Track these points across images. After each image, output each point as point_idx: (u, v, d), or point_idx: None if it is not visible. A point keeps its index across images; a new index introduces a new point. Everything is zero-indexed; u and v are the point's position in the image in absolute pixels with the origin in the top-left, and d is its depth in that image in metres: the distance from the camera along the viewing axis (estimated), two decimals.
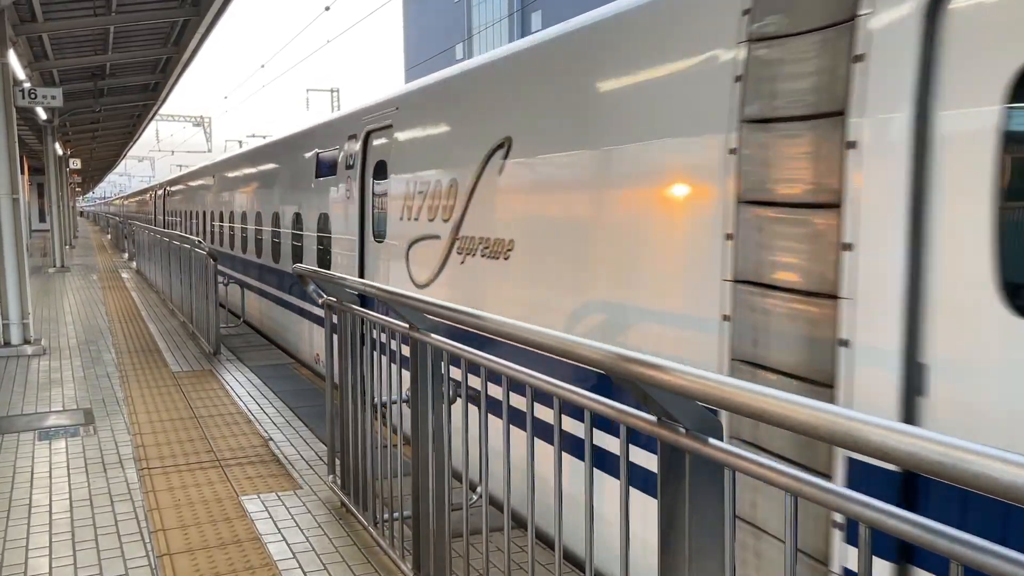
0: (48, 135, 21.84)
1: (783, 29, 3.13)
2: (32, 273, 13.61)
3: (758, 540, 3.08)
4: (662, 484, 1.98)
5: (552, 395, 2.43)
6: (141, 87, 21.72)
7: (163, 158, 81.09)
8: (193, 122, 58.44)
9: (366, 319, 4.13)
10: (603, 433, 3.61)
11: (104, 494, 5.06)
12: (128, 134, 35.01)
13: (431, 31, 62.27)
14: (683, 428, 1.91)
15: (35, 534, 4.47)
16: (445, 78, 6.64)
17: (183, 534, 4.45)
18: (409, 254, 6.61)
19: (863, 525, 1.44)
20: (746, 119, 3.27)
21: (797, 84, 3.05)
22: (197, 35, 14.93)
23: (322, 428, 5.86)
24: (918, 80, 2.62)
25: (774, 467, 1.65)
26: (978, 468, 1.16)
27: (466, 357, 3.04)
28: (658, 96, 3.89)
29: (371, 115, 7.82)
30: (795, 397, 1.52)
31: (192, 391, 7.91)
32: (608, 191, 4.21)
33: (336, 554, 4.21)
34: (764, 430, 3.06)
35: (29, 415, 6.99)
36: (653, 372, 1.84)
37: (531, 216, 4.97)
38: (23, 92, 12.95)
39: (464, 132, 6.04)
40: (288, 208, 11.10)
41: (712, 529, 1.90)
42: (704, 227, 3.48)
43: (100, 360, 9.41)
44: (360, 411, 4.30)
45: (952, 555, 1.26)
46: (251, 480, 5.34)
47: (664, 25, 3.96)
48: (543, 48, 5.18)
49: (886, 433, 1.31)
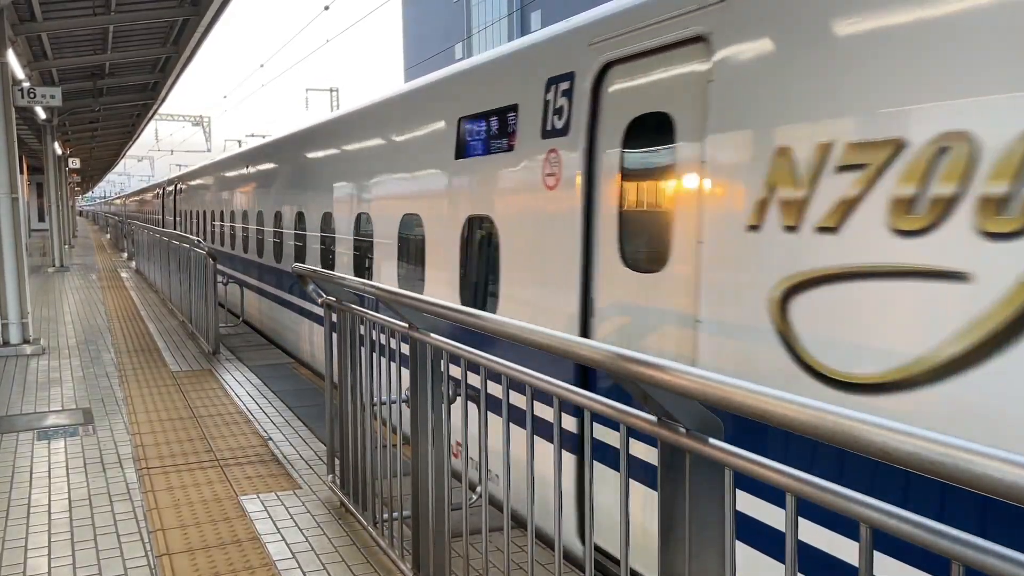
0: (47, 134, 21.83)
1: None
2: (31, 273, 13.61)
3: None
4: (662, 484, 1.97)
5: (552, 394, 2.43)
6: (140, 87, 21.72)
7: (162, 157, 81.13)
8: (192, 121, 58.41)
9: (365, 319, 4.12)
10: (605, 428, 3.60)
11: (103, 494, 5.05)
12: (127, 134, 35.01)
13: (430, 31, 62.28)
14: (683, 428, 1.91)
15: (34, 534, 4.46)
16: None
17: (182, 534, 4.45)
18: (792, 313, 3.15)
19: (863, 525, 1.44)
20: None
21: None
22: (196, 34, 14.92)
23: (321, 428, 5.85)
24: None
25: (775, 467, 1.65)
26: (980, 469, 1.16)
27: (466, 356, 3.03)
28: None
29: (618, 28, 4.25)
30: (797, 398, 1.52)
31: (191, 391, 7.90)
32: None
33: (335, 554, 4.21)
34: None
35: (28, 415, 6.98)
36: (653, 372, 1.84)
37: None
38: (22, 91, 12.95)
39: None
40: (390, 209, 7.29)
41: (712, 529, 1.90)
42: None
43: (99, 360, 9.41)
44: (359, 411, 4.30)
45: (953, 556, 1.26)
46: (250, 480, 5.34)
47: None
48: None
49: (888, 434, 1.30)
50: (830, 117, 3.01)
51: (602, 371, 2.09)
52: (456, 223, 5.87)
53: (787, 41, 3.24)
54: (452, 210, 5.97)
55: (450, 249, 5.96)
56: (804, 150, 3.08)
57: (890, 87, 2.79)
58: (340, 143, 9.04)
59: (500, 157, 5.31)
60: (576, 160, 4.48)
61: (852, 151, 2.89)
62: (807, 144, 3.07)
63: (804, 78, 3.14)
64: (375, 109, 8.21)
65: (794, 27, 3.20)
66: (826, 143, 2.99)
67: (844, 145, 2.93)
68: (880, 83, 2.83)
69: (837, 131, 2.97)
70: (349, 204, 8.51)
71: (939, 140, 2.60)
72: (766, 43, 3.33)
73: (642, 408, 2.04)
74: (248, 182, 14.02)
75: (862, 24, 2.91)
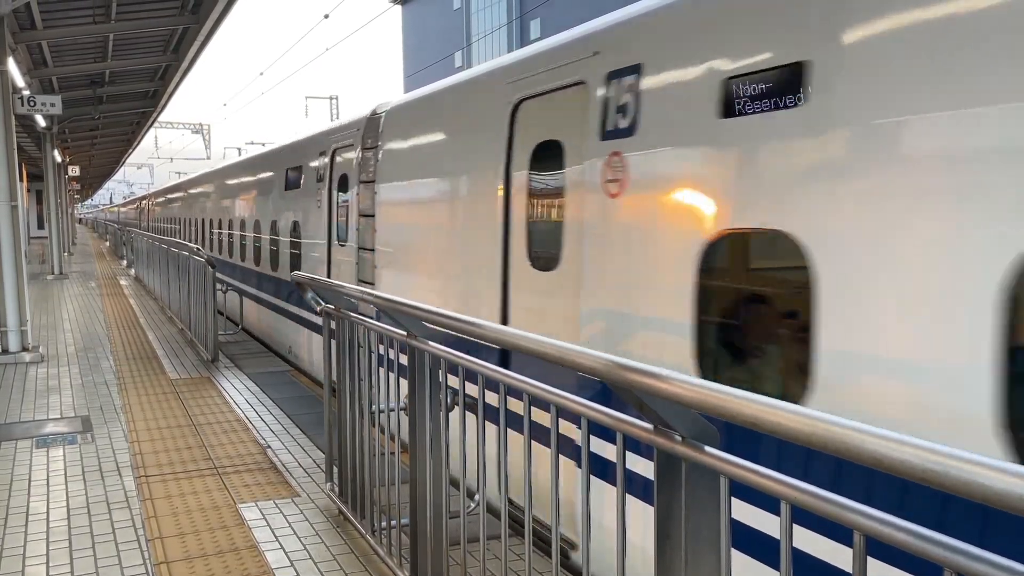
0: (47, 142, 21.88)
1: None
2: (30, 280, 13.62)
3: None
4: (658, 492, 1.98)
5: (549, 403, 2.44)
6: (140, 94, 21.77)
7: (162, 165, 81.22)
8: (192, 129, 58.52)
9: (364, 326, 4.13)
10: (603, 441, 3.62)
11: (101, 502, 5.05)
12: (127, 141, 35.06)
13: (430, 39, 62.42)
14: (679, 436, 1.92)
15: (32, 542, 4.46)
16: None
17: (180, 542, 4.44)
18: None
19: (857, 533, 1.44)
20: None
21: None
22: (196, 43, 14.98)
23: (320, 435, 5.86)
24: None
25: (771, 475, 1.66)
26: (970, 476, 1.17)
27: (464, 365, 3.04)
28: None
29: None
30: (791, 406, 1.53)
31: (190, 398, 7.90)
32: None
33: (334, 562, 4.21)
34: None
35: (27, 422, 6.98)
36: (650, 380, 1.85)
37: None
38: (22, 99, 12.97)
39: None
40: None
41: (708, 537, 1.91)
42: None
43: (98, 367, 9.41)
44: (358, 418, 4.30)
45: (946, 563, 1.27)
46: (249, 488, 5.34)
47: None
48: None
49: (879, 442, 1.32)
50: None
51: (598, 378, 2.10)
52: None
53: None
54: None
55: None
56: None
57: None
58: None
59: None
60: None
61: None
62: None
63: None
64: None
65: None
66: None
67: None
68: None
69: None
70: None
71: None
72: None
73: (639, 416, 2.06)
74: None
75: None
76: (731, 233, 3.42)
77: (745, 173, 3.33)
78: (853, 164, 2.87)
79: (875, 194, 2.79)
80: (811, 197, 3.03)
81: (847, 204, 2.89)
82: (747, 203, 3.32)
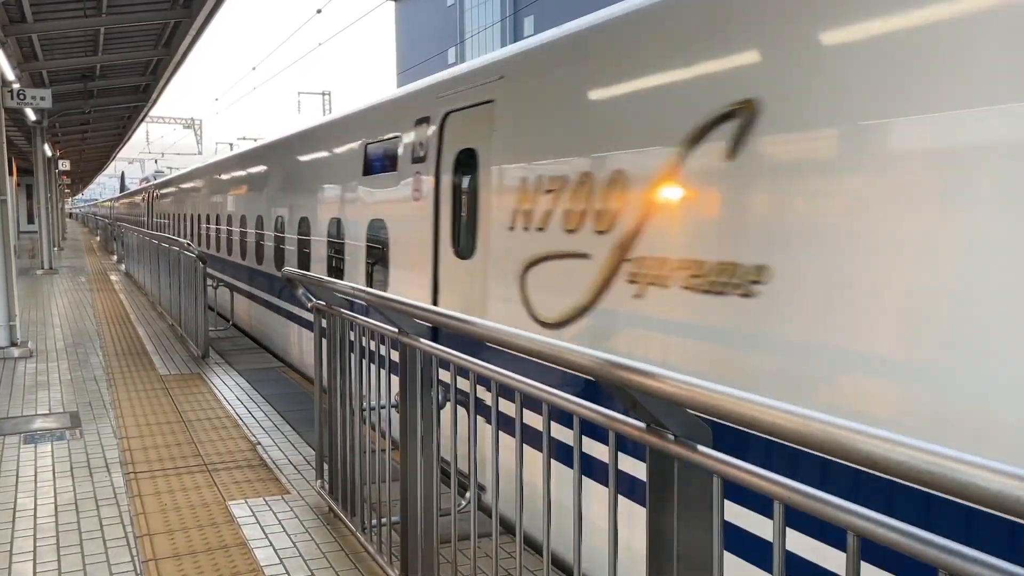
0: (37, 136, 21.71)
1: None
2: (20, 275, 13.52)
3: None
4: (651, 491, 1.97)
5: (541, 400, 2.43)
6: (131, 89, 21.64)
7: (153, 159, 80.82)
8: (184, 124, 58.32)
9: (355, 323, 4.11)
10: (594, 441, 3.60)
11: (90, 498, 5.02)
12: (118, 136, 34.87)
13: (424, 35, 62.31)
14: (672, 435, 1.90)
15: (19, 538, 4.43)
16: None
17: (169, 539, 4.42)
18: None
19: (851, 534, 1.43)
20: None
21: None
22: (188, 37, 14.88)
23: (310, 432, 5.83)
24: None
25: (764, 475, 1.65)
26: (966, 478, 1.16)
27: (455, 362, 3.03)
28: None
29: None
30: (786, 405, 1.52)
31: (180, 394, 7.86)
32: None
33: (323, 560, 4.19)
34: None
35: (15, 418, 6.93)
36: (642, 379, 1.84)
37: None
38: (12, 93, 12.89)
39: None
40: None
41: (701, 537, 1.90)
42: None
43: (87, 363, 9.35)
44: (349, 415, 4.28)
45: (940, 564, 1.26)
46: (238, 485, 5.31)
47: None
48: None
49: (875, 442, 1.31)
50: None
51: (591, 376, 2.08)
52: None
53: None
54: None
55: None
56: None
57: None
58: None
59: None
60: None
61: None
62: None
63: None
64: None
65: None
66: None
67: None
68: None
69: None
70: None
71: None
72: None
73: (631, 415, 2.04)
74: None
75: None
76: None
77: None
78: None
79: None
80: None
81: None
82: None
